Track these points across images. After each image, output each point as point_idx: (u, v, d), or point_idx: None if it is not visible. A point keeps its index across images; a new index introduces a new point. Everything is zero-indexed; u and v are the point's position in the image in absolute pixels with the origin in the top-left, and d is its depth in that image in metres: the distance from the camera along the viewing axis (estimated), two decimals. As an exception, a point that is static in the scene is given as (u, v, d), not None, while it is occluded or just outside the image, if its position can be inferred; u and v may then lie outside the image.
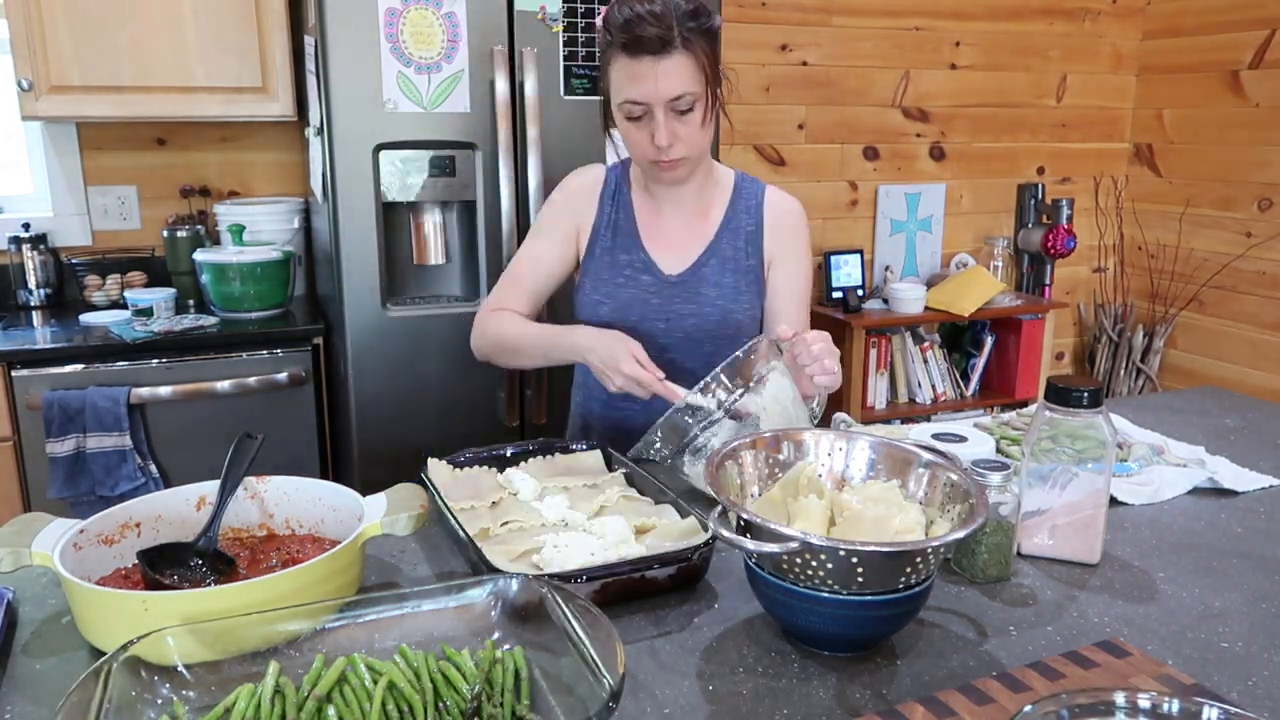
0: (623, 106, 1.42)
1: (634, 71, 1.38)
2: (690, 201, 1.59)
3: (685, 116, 1.42)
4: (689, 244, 1.59)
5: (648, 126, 1.43)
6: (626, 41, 1.37)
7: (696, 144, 1.46)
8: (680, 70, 1.38)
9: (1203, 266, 3.72)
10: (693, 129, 1.43)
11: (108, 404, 2.24)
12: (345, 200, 2.26)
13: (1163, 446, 1.51)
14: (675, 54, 1.37)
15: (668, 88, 1.38)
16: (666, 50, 1.36)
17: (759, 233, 1.60)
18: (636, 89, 1.39)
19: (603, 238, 1.59)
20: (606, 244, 1.59)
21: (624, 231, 1.58)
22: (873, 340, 3.40)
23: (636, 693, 0.89)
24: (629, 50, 1.37)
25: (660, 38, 1.35)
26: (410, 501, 1.06)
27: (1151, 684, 0.88)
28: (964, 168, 3.72)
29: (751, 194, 1.62)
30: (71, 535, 1.00)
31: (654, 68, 1.37)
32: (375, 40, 2.19)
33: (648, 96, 1.39)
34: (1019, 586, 1.10)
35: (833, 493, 1.04)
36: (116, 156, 2.78)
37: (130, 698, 0.78)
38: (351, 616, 0.88)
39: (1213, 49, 3.59)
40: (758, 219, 1.60)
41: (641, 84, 1.38)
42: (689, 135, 1.44)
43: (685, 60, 1.38)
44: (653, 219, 1.59)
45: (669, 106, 1.40)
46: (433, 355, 2.37)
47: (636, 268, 1.57)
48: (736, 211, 1.60)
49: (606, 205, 1.59)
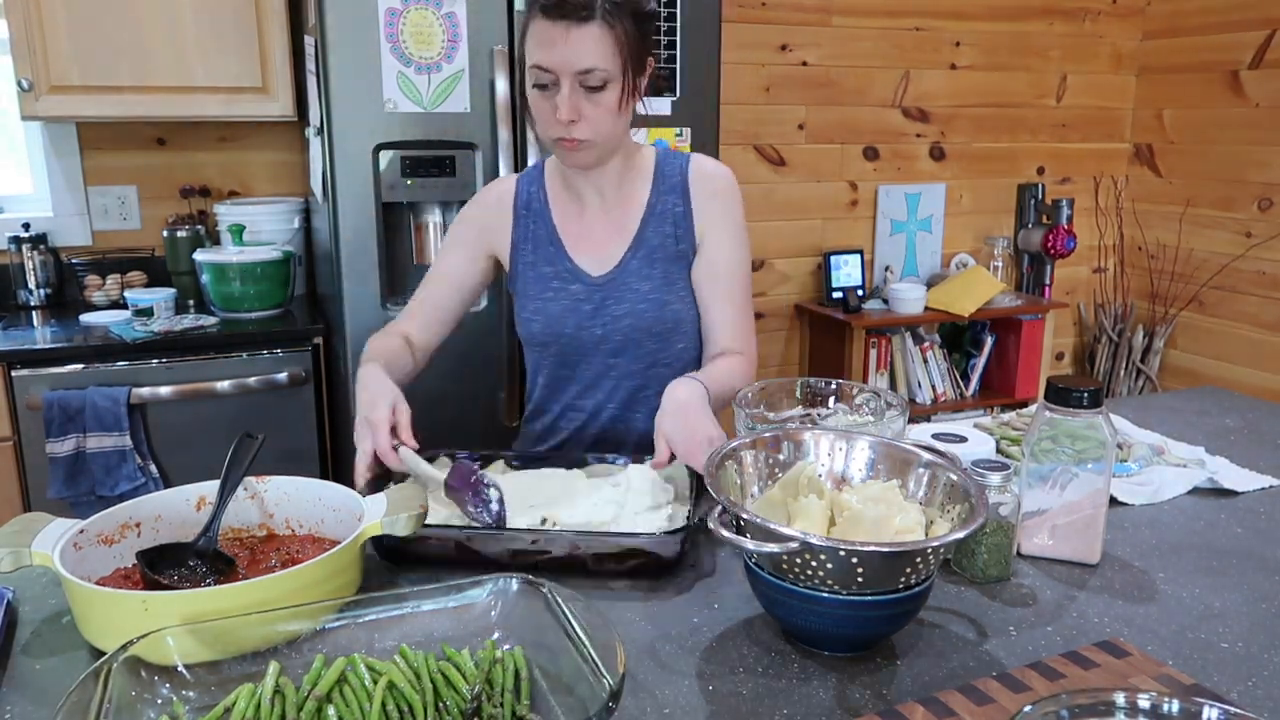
0: (531, 71, 1.34)
1: (547, 35, 1.30)
2: (610, 190, 1.49)
3: (595, 95, 1.33)
4: (611, 241, 1.50)
5: (554, 98, 1.34)
6: (546, 3, 1.29)
7: (606, 129, 1.36)
8: (595, 42, 1.29)
9: (1203, 266, 3.72)
10: (602, 111, 1.34)
11: (108, 404, 2.24)
12: (345, 200, 2.26)
13: (1163, 446, 1.51)
14: (593, 25, 1.29)
15: (578, 58, 1.30)
16: (584, 19, 1.28)
17: (687, 213, 1.49)
18: (545, 54, 1.31)
19: (523, 253, 1.52)
20: (528, 259, 1.51)
21: (543, 241, 1.51)
22: (873, 340, 3.40)
23: (636, 693, 0.89)
24: (546, 12, 1.29)
25: (580, 4, 1.27)
26: (410, 501, 1.06)
27: (1151, 684, 0.88)
28: (964, 168, 3.72)
29: (674, 170, 1.50)
30: (71, 535, 1.00)
31: (566, 34, 1.29)
32: (375, 40, 2.19)
33: (555, 64, 1.30)
34: (1019, 586, 1.10)
35: (833, 493, 1.04)
36: (116, 156, 2.78)
37: (130, 698, 0.78)
38: (351, 616, 0.88)
39: (1213, 49, 3.59)
40: (684, 198, 1.49)
41: (551, 50, 1.30)
42: (597, 117, 1.34)
43: (603, 33, 1.29)
44: (573, 222, 1.51)
45: (577, 79, 1.31)
46: (433, 355, 2.37)
47: (563, 278, 1.50)
48: (660, 194, 1.49)
49: (521, 218, 1.52)
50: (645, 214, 1.49)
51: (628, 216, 1.50)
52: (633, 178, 1.51)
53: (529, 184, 1.54)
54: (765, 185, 3.43)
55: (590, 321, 1.49)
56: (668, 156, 1.52)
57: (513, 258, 1.53)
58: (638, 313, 1.48)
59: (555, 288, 1.50)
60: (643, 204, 1.50)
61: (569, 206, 1.52)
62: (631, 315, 1.48)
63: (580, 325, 1.49)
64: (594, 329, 1.49)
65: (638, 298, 1.48)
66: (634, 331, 1.49)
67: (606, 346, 1.51)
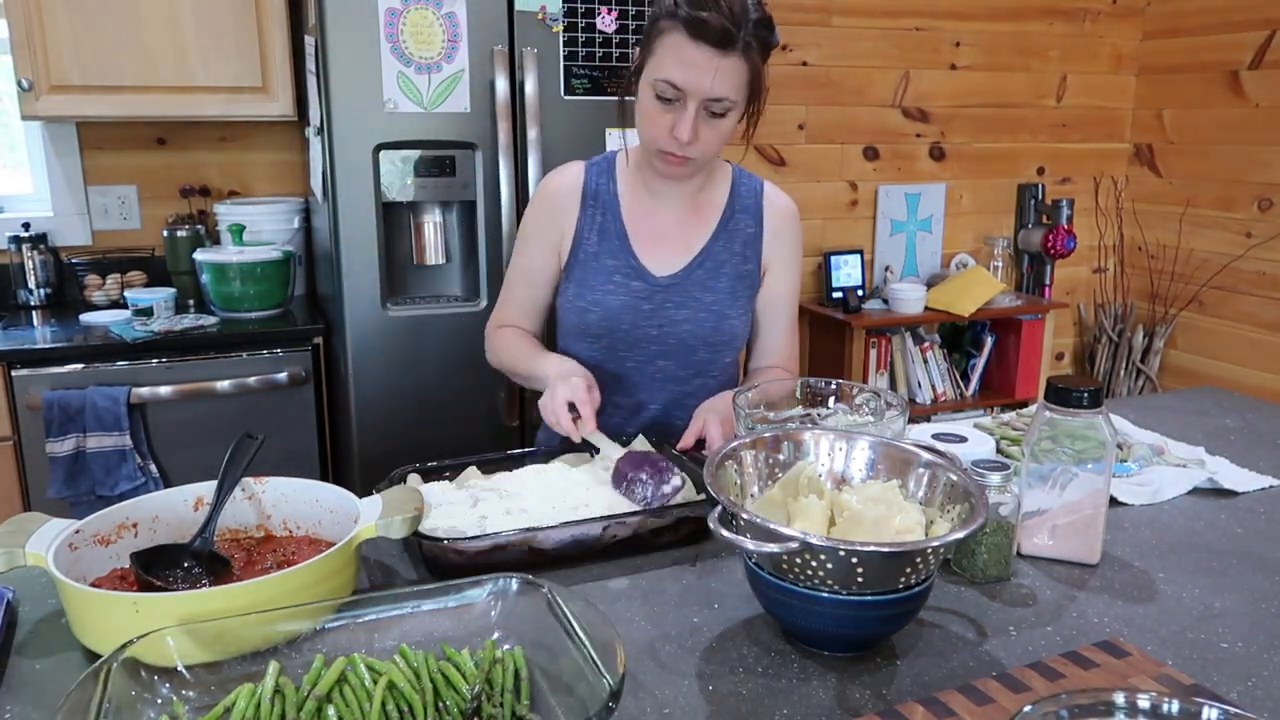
0: (658, 84, 1.32)
1: (688, 56, 1.29)
2: (686, 198, 1.52)
3: (715, 120, 1.35)
4: (682, 245, 1.51)
5: (673, 113, 1.34)
6: (690, 19, 1.27)
7: (713, 151, 1.40)
8: (733, 73, 1.30)
9: (1203, 267, 3.72)
10: (717, 135, 1.37)
11: (108, 404, 2.24)
12: (345, 200, 2.26)
13: (1163, 447, 1.51)
14: (734, 55, 1.29)
15: (713, 86, 1.30)
16: (727, 48, 1.28)
17: (758, 235, 1.54)
18: (683, 74, 1.30)
19: (587, 241, 1.51)
20: (591, 248, 1.51)
21: (610, 234, 1.50)
22: (873, 340, 3.40)
23: (636, 693, 0.89)
24: (690, 30, 1.28)
25: (726, 32, 1.27)
26: (405, 504, 1.06)
27: (1151, 684, 0.88)
28: (964, 168, 3.72)
29: (750, 192, 1.55)
30: (67, 535, 1.00)
31: (711, 61, 1.28)
32: (375, 40, 2.19)
33: (691, 86, 1.30)
34: (1019, 586, 1.10)
35: (833, 493, 1.04)
36: (116, 156, 2.78)
37: (130, 698, 0.78)
38: (351, 616, 0.88)
39: (1213, 49, 3.59)
40: (757, 221, 1.54)
41: (691, 71, 1.29)
42: (711, 140, 1.37)
43: (740, 66, 1.31)
44: (643, 219, 1.51)
45: (705, 104, 1.32)
46: (432, 355, 2.37)
47: (625, 273, 1.50)
48: (734, 211, 1.53)
49: (589, 206, 1.51)
50: (719, 227, 1.53)
51: (701, 225, 1.52)
52: (711, 188, 1.54)
53: (598, 174, 1.53)
54: (765, 185, 3.43)
55: (647, 321, 1.50)
56: (743, 176, 1.57)
57: (574, 244, 1.52)
58: (697, 320, 1.51)
59: (617, 282, 1.50)
60: (717, 216, 1.53)
61: (642, 204, 1.52)
62: (691, 322, 1.51)
63: (636, 323, 1.50)
64: (649, 329, 1.51)
65: (700, 306, 1.50)
66: (691, 338, 1.51)
67: (658, 348, 1.52)
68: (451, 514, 1.16)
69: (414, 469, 1.30)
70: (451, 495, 1.22)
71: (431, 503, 1.18)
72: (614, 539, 1.14)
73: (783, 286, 1.58)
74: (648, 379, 1.54)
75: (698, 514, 1.17)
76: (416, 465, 1.31)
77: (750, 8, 1.30)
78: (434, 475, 1.31)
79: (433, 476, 1.30)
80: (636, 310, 1.50)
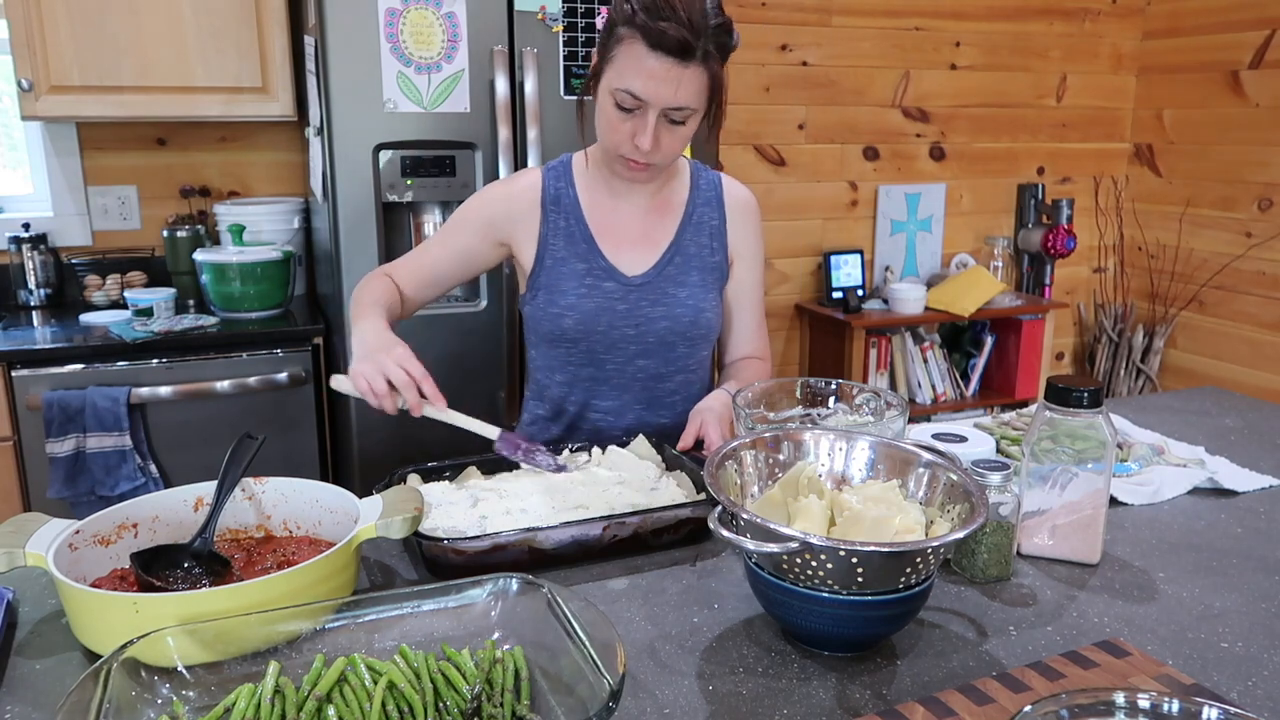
0: (618, 93, 1.32)
1: (647, 67, 1.29)
2: (648, 197, 1.51)
3: (676, 127, 1.35)
4: (650, 243, 1.51)
5: (634, 121, 1.34)
6: (648, 29, 1.27)
7: (675, 154, 1.40)
8: (694, 82, 1.30)
9: (1203, 266, 3.72)
10: (677, 140, 1.37)
11: (108, 404, 2.24)
12: (345, 200, 2.26)
13: (1163, 446, 1.51)
14: (694, 65, 1.29)
15: (674, 96, 1.30)
16: (687, 58, 1.28)
17: (722, 227, 1.54)
18: (642, 84, 1.30)
19: (553, 247, 1.49)
20: (559, 253, 1.49)
21: (576, 238, 1.49)
22: (873, 340, 3.40)
23: (636, 693, 0.89)
24: (649, 40, 1.27)
25: (684, 43, 1.27)
26: (406, 504, 1.06)
27: (1151, 684, 0.88)
28: (964, 168, 3.72)
29: (709, 185, 1.55)
30: (67, 536, 1.00)
31: (669, 72, 1.28)
32: (375, 40, 2.19)
33: (652, 97, 1.30)
34: (1019, 586, 1.10)
35: (833, 493, 1.04)
36: (116, 156, 2.78)
37: (130, 698, 0.78)
38: (351, 617, 0.88)
39: (1213, 49, 3.59)
40: (720, 212, 1.55)
41: (650, 82, 1.29)
42: (671, 145, 1.37)
43: (700, 75, 1.30)
44: (607, 220, 1.50)
45: (666, 113, 1.33)
46: (433, 355, 2.37)
47: (596, 275, 1.48)
48: (696, 205, 1.53)
49: (550, 213, 1.49)
50: (683, 221, 1.53)
51: (665, 221, 1.52)
52: (670, 184, 1.54)
53: (556, 179, 1.52)
54: (765, 185, 3.43)
55: (624, 321, 1.49)
56: (700, 169, 1.57)
57: (540, 252, 1.50)
58: (674, 316, 1.50)
59: (589, 284, 1.49)
60: (680, 211, 1.53)
61: (604, 205, 1.51)
62: (668, 318, 1.50)
63: (613, 324, 1.49)
64: (626, 329, 1.50)
65: (675, 302, 1.50)
66: (669, 334, 1.51)
67: (636, 347, 1.51)
68: (451, 514, 1.16)
69: (414, 469, 1.30)
70: (452, 495, 1.22)
71: (431, 502, 1.18)
72: (614, 539, 1.14)
73: (750, 276, 1.59)
74: (629, 379, 1.53)
75: (698, 514, 1.17)
76: (416, 465, 1.31)
77: (709, 13, 1.29)
78: (434, 475, 1.31)
79: (433, 476, 1.30)
80: (612, 311, 1.49)
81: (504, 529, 1.11)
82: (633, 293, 1.49)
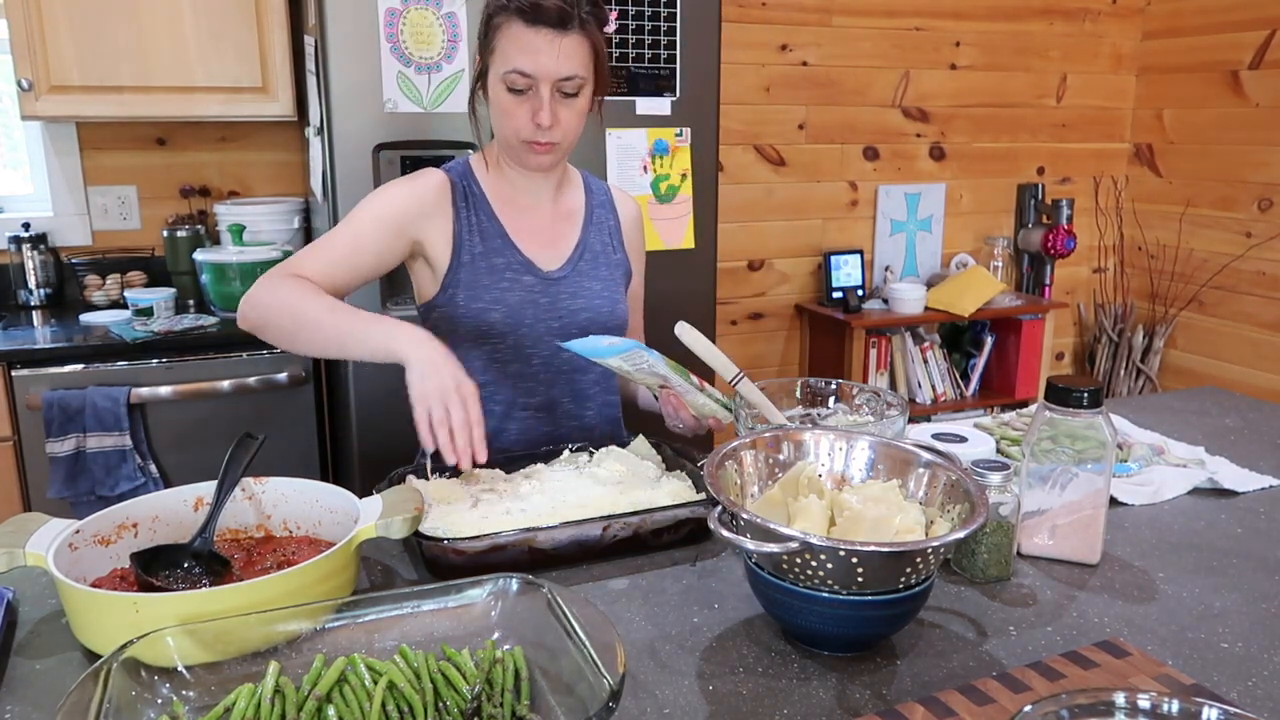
0: (507, 76, 1.35)
1: (530, 42, 1.33)
2: (548, 197, 1.54)
3: (570, 100, 1.38)
4: (559, 239, 1.54)
5: (529, 102, 1.37)
6: (525, 7, 1.32)
7: (574, 133, 1.43)
8: (577, 49, 1.35)
9: (1203, 266, 3.72)
10: (574, 115, 1.40)
11: (108, 404, 2.24)
12: (345, 200, 2.26)
13: (1163, 447, 1.51)
14: (573, 33, 1.34)
15: (563, 66, 1.34)
16: (566, 27, 1.33)
17: (618, 229, 1.61)
18: (529, 60, 1.33)
19: (469, 244, 1.48)
20: (476, 249, 1.48)
21: (491, 234, 1.49)
22: (873, 340, 3.40)
23: (636, 693, 0.89)
24: (526, 18, 1.32)
25: (561, 12, 1.32)
26: (406, 504, 1.06)
27: (1151, 684, 0.88)
28: (964, 168, 3.72)
29: (601, 190, 1.62)
30: (67, 536, 1.00)
31: (551, 43, 1.33)
32: (375, 40, 2.19)
33: (539, 70, 1.34)
34: (1019, 586, 1.10)
35: (833, 493, 1.04)
36: (116, 156, 2.78)
37: (130, 698, 0.78)
38: (351, 616, 0.88)
39: (1213, 49, 3.59)
40: (614, 216, 1.61)
41: (536, 57, 1.33)
42: (569, 121, 1.40)
43: (581, 42, 1.35)
44: (517, 218, 1.52)
45: (557, 86, 1.36)
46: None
47: (516, 269, 1.49)
48: (594, 207, 1.59)
49: (461, 210, 1.49)
50: (585, 220, 1.58)
51: (569, 223, 1.57)
52: (567, 191, 1.59)
53: (461, 177, 1.52)
54: (765, 185, 3.43)
55: (548, 314, 1.51)
56: (590, 178, 1.64)
57: (456, 249, 1.48)
58: (594, 308, 1.53)
59: (510, 279, 1.49)
60: (580, 214, 1.58)
61: (511, 203, 1.53)
62: (589, 310, 1.53)
63: (538, 317, 1.50)
64: (551, 321, 1.51)
65: (592, 294, 1.54)
66: (592, 325, 1.53)
67: (560, 339, 1.48)
68: (451, 514, 1.16)
69: (414, 469, 1.30)
70: (452, 495, 1.22)
71: (431, 502, 1.18)
72: (614, 539, 1.14)
73: (639, 281, 1.67)
74: (554, 373, 1.54)
75: (698, 514, 1.17)
76: (416, 465, 1.31)
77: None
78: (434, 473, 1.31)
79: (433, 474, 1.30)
80: (536, 305, 1.50)
81: (504, 529, 1.11)
82: (552, 286, 1.52)
